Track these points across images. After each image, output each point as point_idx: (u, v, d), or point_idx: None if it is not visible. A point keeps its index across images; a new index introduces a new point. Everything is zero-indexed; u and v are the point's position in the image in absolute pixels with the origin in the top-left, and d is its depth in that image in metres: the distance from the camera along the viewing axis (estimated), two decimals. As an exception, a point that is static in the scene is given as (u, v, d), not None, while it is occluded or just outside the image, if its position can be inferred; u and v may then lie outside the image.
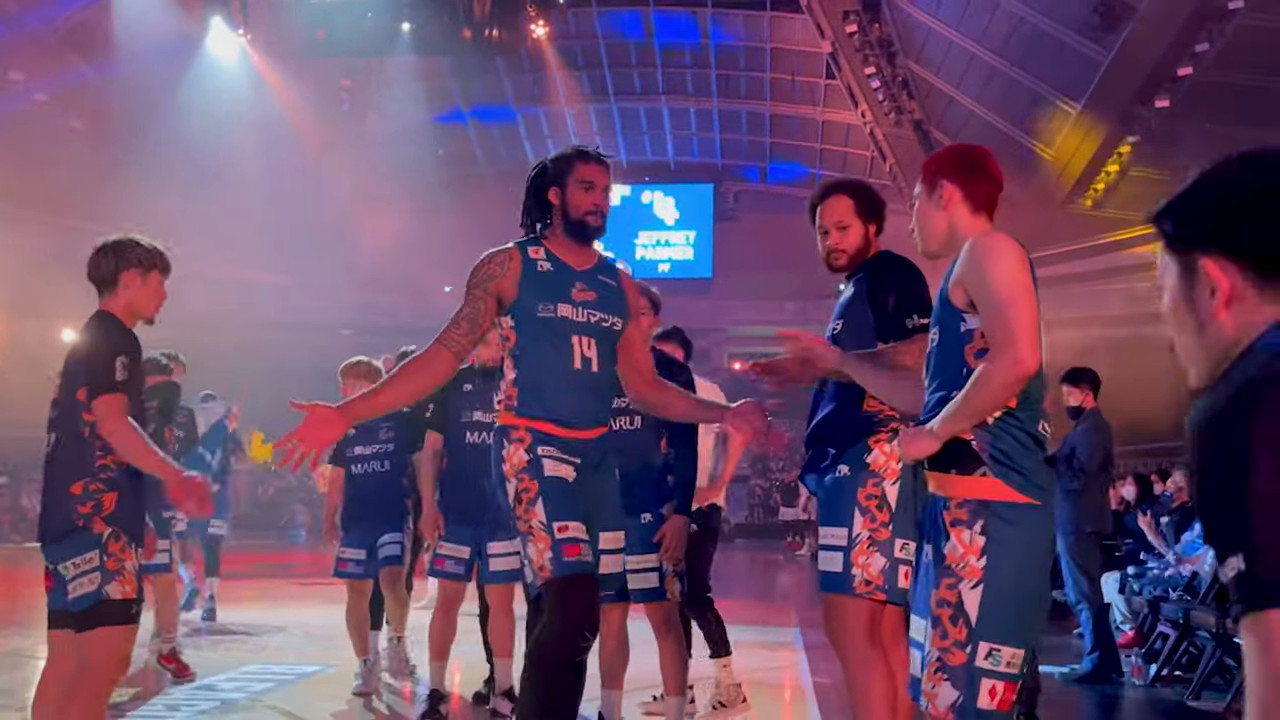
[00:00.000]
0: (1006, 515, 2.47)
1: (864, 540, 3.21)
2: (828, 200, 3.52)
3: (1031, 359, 2.42)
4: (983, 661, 2.45)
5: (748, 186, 31.61)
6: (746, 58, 27.39)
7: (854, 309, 3.39)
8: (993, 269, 2.52)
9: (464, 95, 29.33)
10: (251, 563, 13.30)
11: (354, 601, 5.80)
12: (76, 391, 3.31)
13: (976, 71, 22.05)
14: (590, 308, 3.32)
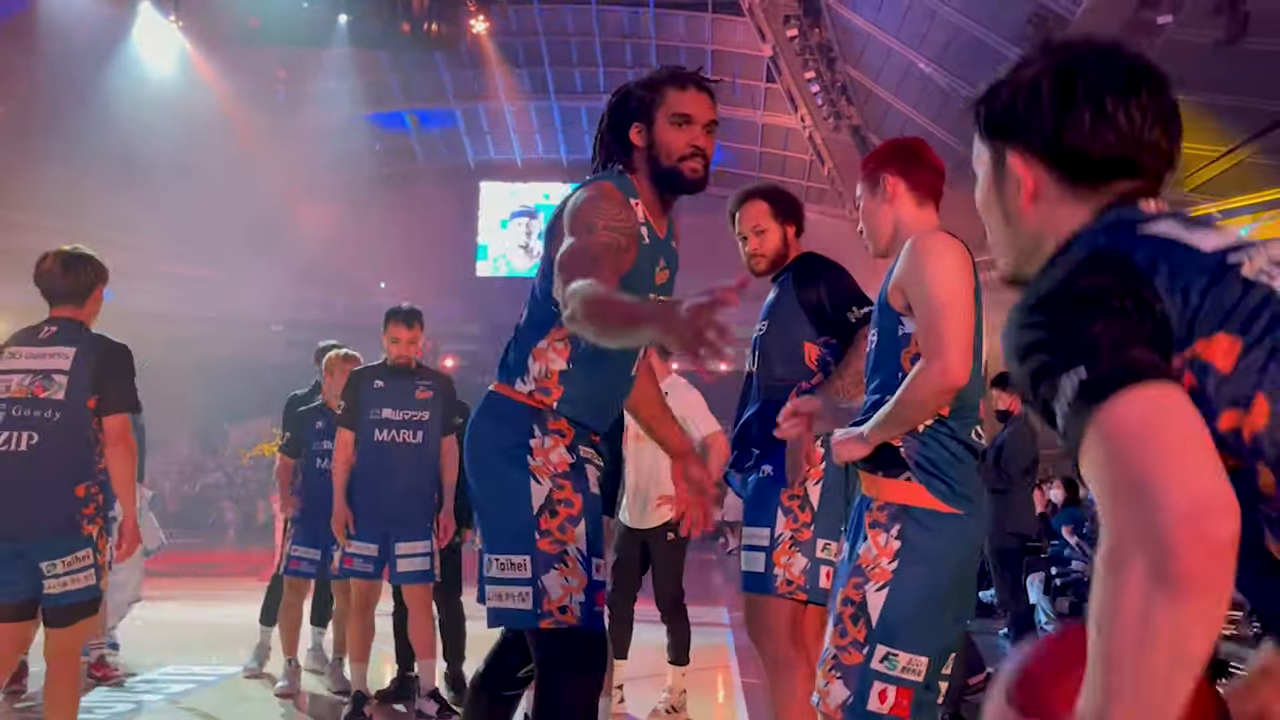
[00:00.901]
0: (925, 522, 2.43)
1: (786, 540, 3.22)
2: (744, 206, 3.63)
3: (960, 370, 2.38)
4: (878, 664, 2.42)
5: (687, 187, 31.72)
6: (688, 59, 27.42)
7: (779, 310, 3.44)
8: (929, 272, 2.49)
9: (403, 90, 29.01)
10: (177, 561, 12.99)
11: (292, 599, 5.71)
12: (87, 400, 3.54)
13: (914, 79, 22.32)
14: (665, 290, 2.69)
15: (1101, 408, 1.03)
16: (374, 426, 4.83)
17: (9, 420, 3.50)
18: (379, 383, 4.88)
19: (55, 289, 3.73)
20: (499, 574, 2.49)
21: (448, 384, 5.04)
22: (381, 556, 4.81)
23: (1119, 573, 0.97)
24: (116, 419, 3.60)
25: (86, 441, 3.55)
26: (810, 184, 26.68)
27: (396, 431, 4.82)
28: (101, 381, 3.59)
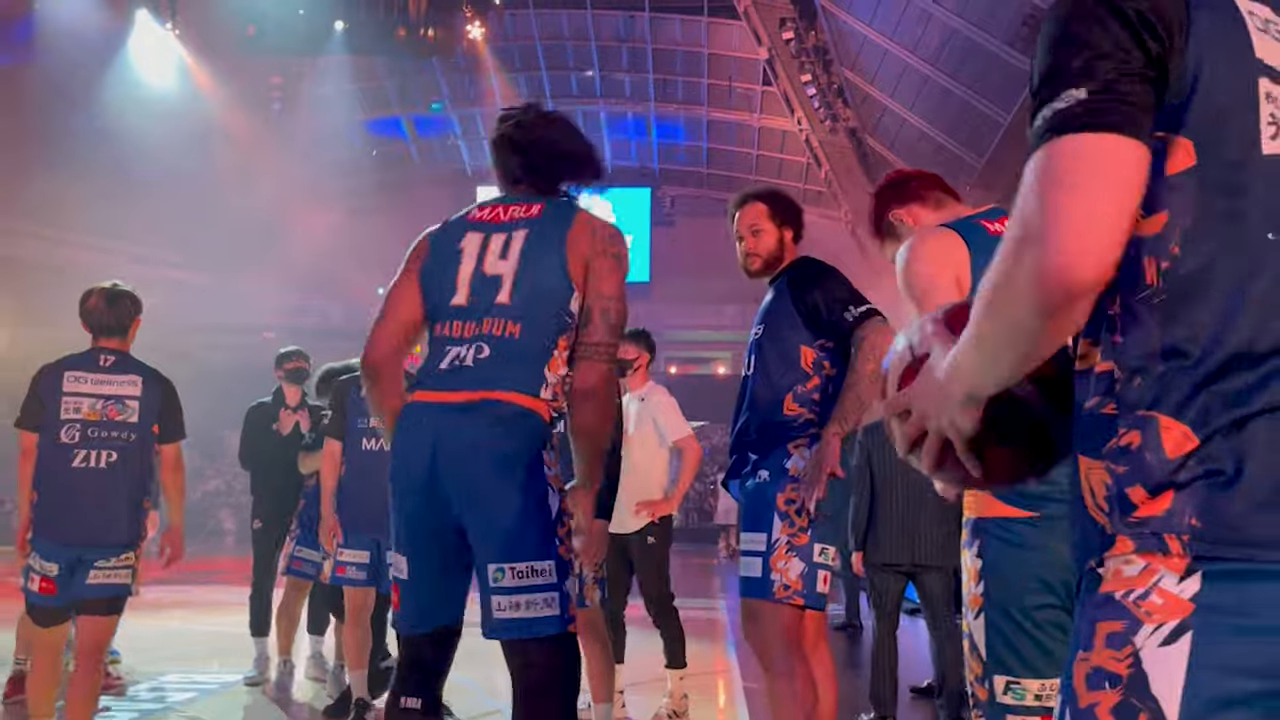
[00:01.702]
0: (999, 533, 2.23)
1: (782, 545, 3.21)
2: (743, 207, 3.66)
3: None
4: (1004, 698, 2.18)
5: (684, 191, 31.71)
6: (684, 63, 27.48)
7: (774, 313, 3.44)
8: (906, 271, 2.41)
9: (399, 95, 29.02)
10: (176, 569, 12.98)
11: (292, 598, 5.73)
12: (153, 425, 4.06)
13: (910, 80, 22.36)
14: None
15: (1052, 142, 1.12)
16: (361, 435, 4.84)
17: (85, 440, 3.93)
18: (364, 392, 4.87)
19: (101, 324, 4.11)
20: (518, 582, 2.44)
21: None
22: (374, 563, 4.80)
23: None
24: (173, 446, 4.17)
25: (149, 462, 4.09)
26: (807, 187, 26.70)
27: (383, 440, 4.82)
28: (163, 412, 4.10)
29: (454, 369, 2.54)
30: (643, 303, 29.88)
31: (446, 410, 2.51)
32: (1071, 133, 1.10)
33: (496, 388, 2.50)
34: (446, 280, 2.64)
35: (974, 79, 20.69)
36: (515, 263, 2.57)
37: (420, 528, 2.60)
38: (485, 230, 2.66)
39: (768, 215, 3.59)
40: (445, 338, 2.61)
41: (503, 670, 2.54)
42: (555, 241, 2.58)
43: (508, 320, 2.54)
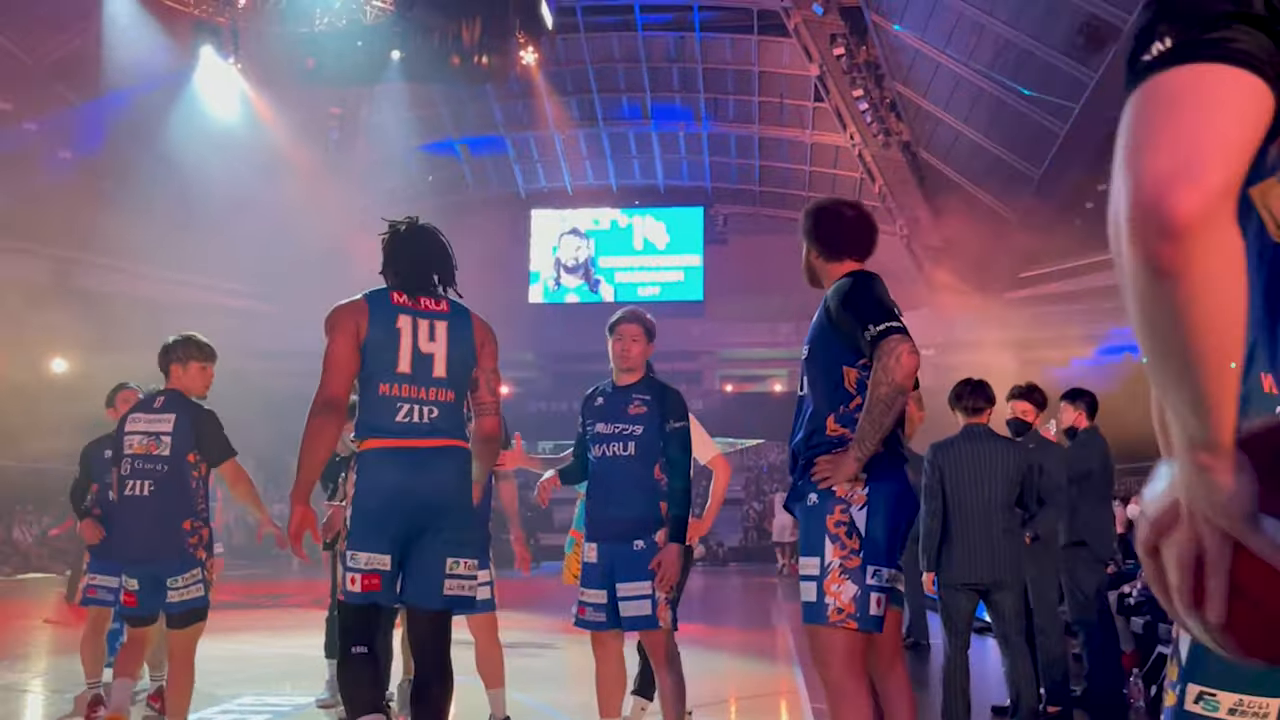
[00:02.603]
0: None
1: (835, 569, 3.17)
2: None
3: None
4: (1193, 705, 1.98)
5: (737, 209, 31.71)
6: (735, 81, 27.55)
7: (817, 331, 3.38)
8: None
9: (454, 121, 29.44)
10: (244, 592, 13.22)
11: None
12: (188, 454, 4.52)
13: (964, 93, 22.20)
14: None
15: (1154, 75, 0.97)
16: None
17: (134, 471, 4.54)
18: None
19: (161, 366, 4.73)
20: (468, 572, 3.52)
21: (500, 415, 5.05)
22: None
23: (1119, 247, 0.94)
24: (226, 465, 4.60)
25: (189, 487, 4.51)
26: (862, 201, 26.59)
27: None
28: (199, 440, 4.54)
29: (410, 423, 3.47)
30: (696, 322, 29.89)
31: (419, 452, 3.45)
32: (1167, 68, 0.95)
33: (450, 437, 3.53)
34: (389, 352, 3.50)
35: (1030, 89, 20.49)
36: (443, 346, 3.57)
37: (397, 534, 3.40)
38: (413, 315, 3.57)
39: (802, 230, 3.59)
40: (394, 396, 3.48)
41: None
42: (466, 332, 3.64)
43: (444, 389, 3.53)
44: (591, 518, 4.33)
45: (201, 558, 4.52)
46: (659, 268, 32.17)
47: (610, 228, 32.25)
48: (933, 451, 5.24)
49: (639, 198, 32.17)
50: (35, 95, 21.25)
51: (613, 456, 4.22)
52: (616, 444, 4.21)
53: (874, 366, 3.12)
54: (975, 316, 23.04)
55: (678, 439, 4.21)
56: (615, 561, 4.15)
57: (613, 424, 4.24)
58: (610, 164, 31.50)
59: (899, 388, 3.08)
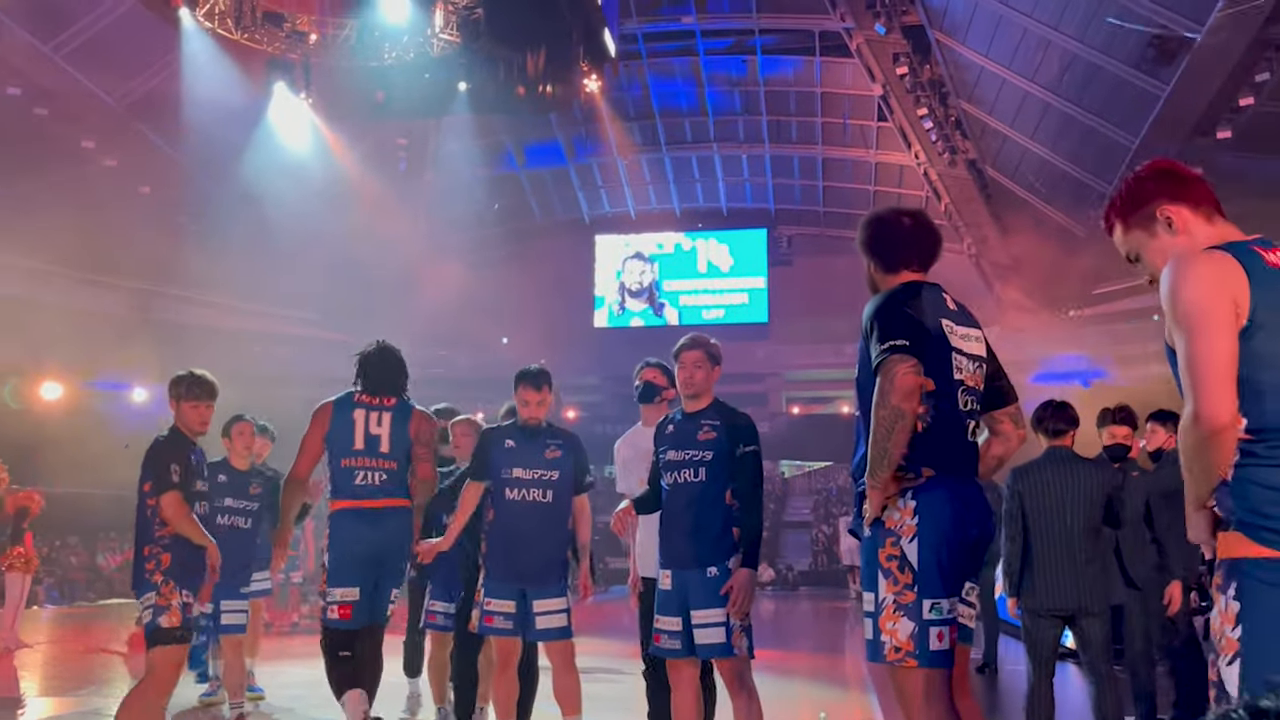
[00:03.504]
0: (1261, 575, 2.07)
1: (889, 605, 3.02)
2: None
3: (1215, 409, 2.07)
4: None
5: (802, 231, 31.62)
6: (797, 102, 27.54)
7: (861, 351, 3.19)
8: (1173, 302, 2.18)
9: (518, 150, 29.82)
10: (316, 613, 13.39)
11: (435, 651, 5.89)
12: (144, 485, 4.59)
13: (1030, 109, 21.93)
14: None
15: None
16: (505, 486, 4.91)
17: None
18: (509, 442, 4.95)
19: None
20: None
21: (577, 443, 5.09)
22: (520, 614, 4.85)
23: None
24: (162, 499, 4.52)
25: (146, 517, 4.57)
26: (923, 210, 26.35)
27: (527, 490, 4.89)
28: (144, 471, 4.59)
29: (366, 486, 4.85)
30: (761, 344, 29.81)
31: (374, 510, 4.84)
32: None
33: (394, 497, 4.89)
34: (346, 435, 4.89)
35: (1098, 104, 20.18)
36: (388, 430, 4.93)
37: (366, 573, 4.78)
38: (365, 409, 4.94)
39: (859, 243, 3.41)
40: (352, 467, 4.86)
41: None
42: (405, 421, 4.98)
43: (389, 460, 4.90)
44: (665, 544, 4.32)
45: (157, 582, 4.49)
46: (723, 290, 32.17)
47: (674, 251, 32.35)
48: (1014, 476, 5.10)
49: (702, 221, 32.25)
50: (116, 133, 21.97)
51: (684, 483, 4.21)
52: (687, 470, 4.21)
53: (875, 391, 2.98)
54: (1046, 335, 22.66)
55: (748, 464, 4.18)
56: (689, 588, 4.12)
57: (683, 451, 4.24)
58: (673, 188, 31.64)
59: (895, 410, 2.93)
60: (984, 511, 3.14)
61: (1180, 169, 2.43)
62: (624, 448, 5.14)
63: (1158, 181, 2.41)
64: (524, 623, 4.86)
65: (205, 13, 19.14)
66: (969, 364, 3.20)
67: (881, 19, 21.93)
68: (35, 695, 7.93)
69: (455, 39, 20.14)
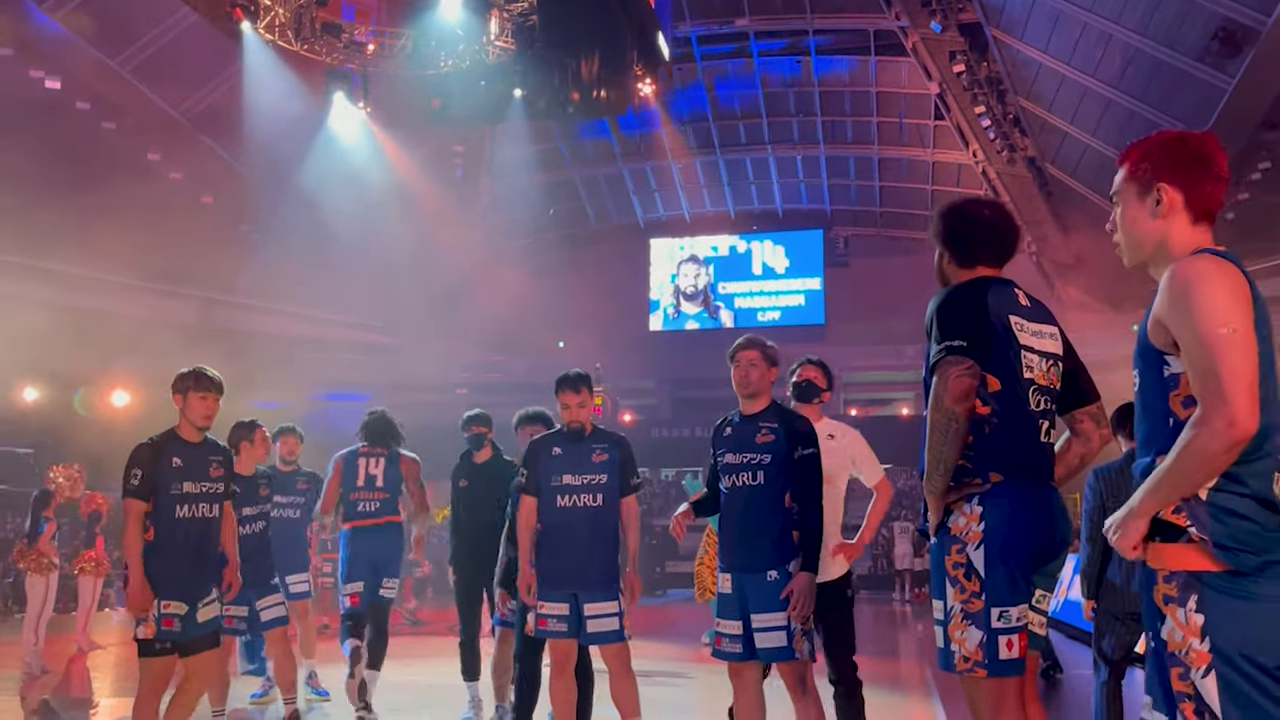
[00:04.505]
0: (1224, 587, 2.11)
1: (957, 614, 2.92)
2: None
3: (1248, 418, 2.07)
4: None
5: (859, 231, 31.37)
6: (852, 102, 27.35)
7: (928, 349, 3.06)
8: (1198, 304, 2.15)
9: (573, 156, 29.96)
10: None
11: (501, 649, 5.94)
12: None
13: (1091, 105, 21.56)
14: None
15: None
16: (555, 493, 4.92)
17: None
18: (556, 450, 4.97)
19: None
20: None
21: (624, 444, 5.10)
22: (574, 616, 4.86)
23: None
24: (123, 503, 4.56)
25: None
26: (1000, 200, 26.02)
27: (577, 496, 4.90)
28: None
29: (366, 511, 6.54)
30: (818, 346, 29.56)
31: (372, 529, 6.53)
32: None
33: (387, 515, 6.58)
34: (353, 476, 6.57)
35: (1162, 98, 19.78)
36: (381, 471, 6.61)
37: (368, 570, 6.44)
38: (365, 457, 6.61)
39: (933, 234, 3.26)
40: (357, 499, 6.54)
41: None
42: (396, 464, 6.66)
43: (382, 492, 6.59)
44: (724, 548, 4.30)
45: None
46: (779, 292, 32.01)
47: (729, 254, 32.27)
48: (1094, 476, 5.00)
49: (757, 223, 32.13)
50: (180, 146, 22.45)
51: (742, 486, 4.19)
52: (745, 474, 4.18)
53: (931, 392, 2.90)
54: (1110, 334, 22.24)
55: (807, 466, 4.15)
56: (749, 592, 4.11)
57: (741, 454, 4.22)
58: (728, 190, 31.56)
59: (948, 413, 2.83)
60: (1055, 516, 3.02)
61: (1212, 163, 2.34)
62: None
63: (1182, 161, 2.34)
64: (578, 625, 4.86)
65: (266, 25, 19.48)
66: (1041, 362, 3.06)
67: (937, 16, 21.71)
68: (107, 696, 8.13)
69: (510, 46, 20.29)
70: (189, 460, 4.60)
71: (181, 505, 4.53)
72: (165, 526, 4.52)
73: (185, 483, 4.54)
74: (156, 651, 4.45)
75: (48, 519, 9.17)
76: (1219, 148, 2.34)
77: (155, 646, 4.44)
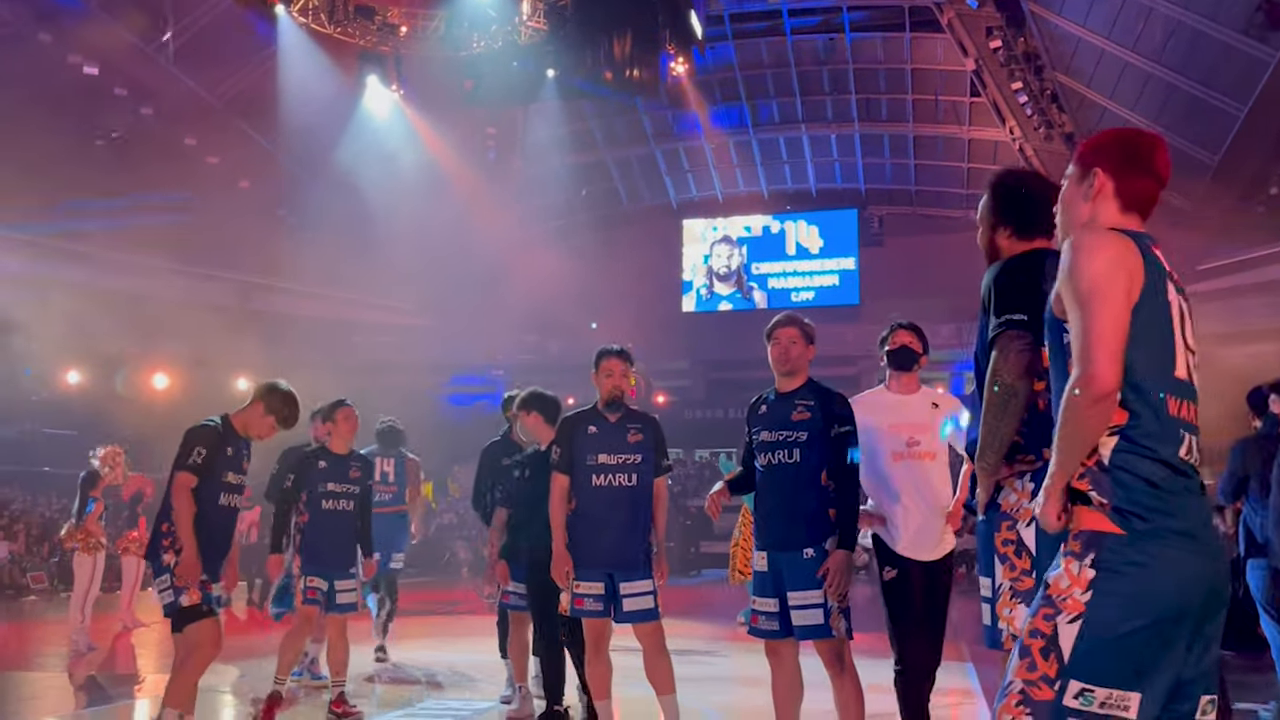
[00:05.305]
0: (1122, 551, 2.17)
1: (1006, 591, 2.91)
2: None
3: (1107, 374, 2.14)
4: (1071, 700, 2.17)
5: (894, 210, 31.09)
6: (887, 80, 27.06)
7: (980, 324, 3.00)
8: (1075, 271, 2.25)
9: (605, 136, 29.88)
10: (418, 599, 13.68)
11: (516, 631, 5.95)
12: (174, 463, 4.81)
13: (1131, 79, 21.22)
14: None
15: None
16: (590, 472, 4.91)
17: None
18: (592, 428, 4.96)
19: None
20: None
21: (656, 425, 5.11)
22: (609, 595, 4.87)
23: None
24: (176, 475, 4.70)
25: (169, 493, 4.71)
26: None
27: (613, 475, 4.90)
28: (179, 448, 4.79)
29: (383, 499, 7.73)
30: (852, 326, 29.36)
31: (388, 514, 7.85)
32: None
33: (395, 506, 8.16)
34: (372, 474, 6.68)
35: (1204, 72, 19.43)
36: (392, 469, 8.22)
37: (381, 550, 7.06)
38: (380, 458, 8.00)
39: (986, 207, 3.19)
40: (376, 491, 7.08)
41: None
42: (402, 464, 8.32)
43: (391, 486, 8.15)
44: (760, 526, 4.30)
45: (169, 563, 4.63)
46: (813, 272, 31.81)
47: (762, 234, 32.09)
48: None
49: (791, 202, 31.92)
50: (216, 130, 22.63)
51: (778, 464, 4.17)
52: (781, 451, 4.17)
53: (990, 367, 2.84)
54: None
55: (844, 444, 4.14)
56: (785, 570, 4.11)
57: (777, 431, 4.20)
58: (760, 170, 31.37)
59: (1008, 388, 2.76)
60: None
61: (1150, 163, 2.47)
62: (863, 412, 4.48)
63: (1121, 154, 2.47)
64: (613, 604, 4.88)
65: (299, 8, 19.57)
66: None
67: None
68: (152, 672, 8.27)
69: (542, 26, 20.25)
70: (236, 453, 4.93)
71: (221, 494, 4.78)
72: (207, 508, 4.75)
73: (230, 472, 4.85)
74: (204, 614, 4.62)
75: (95, 499, 9.32)
76: (1162, 152, 2.49)
77: (203, 610, 4.61)
